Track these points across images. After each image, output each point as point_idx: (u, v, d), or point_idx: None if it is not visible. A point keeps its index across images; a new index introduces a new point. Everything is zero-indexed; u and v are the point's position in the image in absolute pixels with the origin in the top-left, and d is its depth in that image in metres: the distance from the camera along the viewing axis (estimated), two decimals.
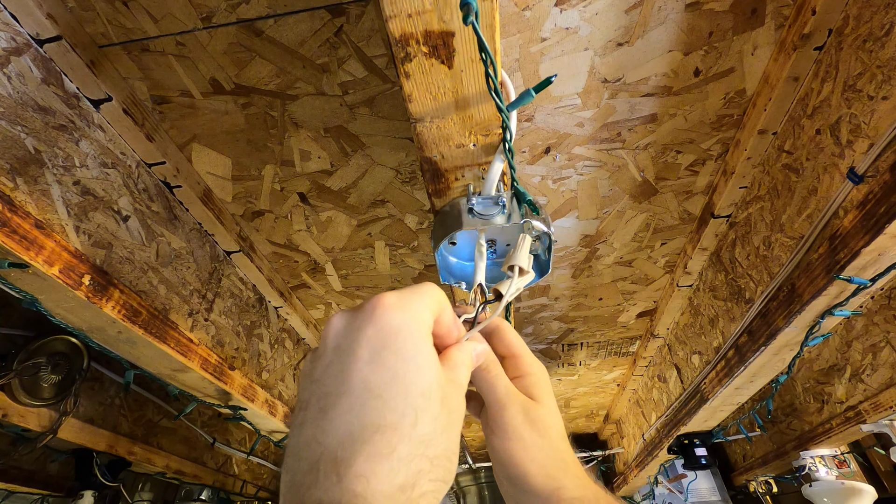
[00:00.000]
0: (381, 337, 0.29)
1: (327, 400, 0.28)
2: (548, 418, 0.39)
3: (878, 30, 0.73)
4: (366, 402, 0.27)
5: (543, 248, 0.70)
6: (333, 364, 0.29)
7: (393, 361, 0.28)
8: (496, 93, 0.50)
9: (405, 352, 0.29)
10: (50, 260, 0.72)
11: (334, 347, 0.30)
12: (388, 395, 0.27)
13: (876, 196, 0.73)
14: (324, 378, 0.29)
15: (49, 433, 1.14)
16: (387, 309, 0.30)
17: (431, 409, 0.28)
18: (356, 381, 0.28)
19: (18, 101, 0.74)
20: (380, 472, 0.25)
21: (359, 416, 0.27)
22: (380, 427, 0.26)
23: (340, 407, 0.27)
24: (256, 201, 1.14)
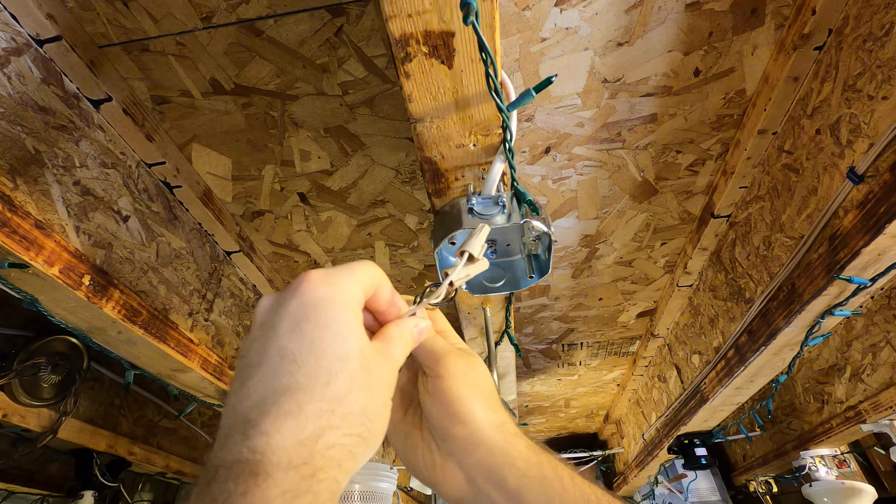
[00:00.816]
0: (301, 309, 0.30)
1: (248, 371, 0.29)
2: (483, 369, 0.41)
3: (878, 30, 0.73)
4: (280, 367, 0.28)
5: (543, 248, 0.70)
6: (258, 339, 0.30)
7: (310, 329, 0.29)
8: (496, 93, 0.50)
9: (323, 320, 0.30)
10: (50, 260, 0.72)
11: (260, 323, 0.31)
12: (301, 359, 0.28)
13: (876, 196, 0.73)
14: (248, 353, 0.30)
15: (49, 433, 1.14)
16: (311, 283, 0.31)
17: (348, 370, 0.29)
18: (273, 351, 0.29)
19: (18, 101, 0.74)
20: (283, 429, 0.26)
21: (272, 381, 0.28)
22: (290, 388, 0.27)
23: (257, 376, 0.28)
24: (256, 201, 1.14)
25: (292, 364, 0.28)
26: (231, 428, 0.27)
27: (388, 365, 0.34)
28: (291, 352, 0.28)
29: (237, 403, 0.28)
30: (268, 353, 0.29)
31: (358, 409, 0.29)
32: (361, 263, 0.35)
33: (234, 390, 0.29)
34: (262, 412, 0.26)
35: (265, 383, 0.28)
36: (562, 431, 3.10)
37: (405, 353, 0.36)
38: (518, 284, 0.75)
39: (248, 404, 0.27)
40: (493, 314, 1.05)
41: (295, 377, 0.28)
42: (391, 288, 0.38)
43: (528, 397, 2.48)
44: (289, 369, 0.28)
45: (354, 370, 0.30)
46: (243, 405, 0.27)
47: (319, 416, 0.27)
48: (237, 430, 0.26)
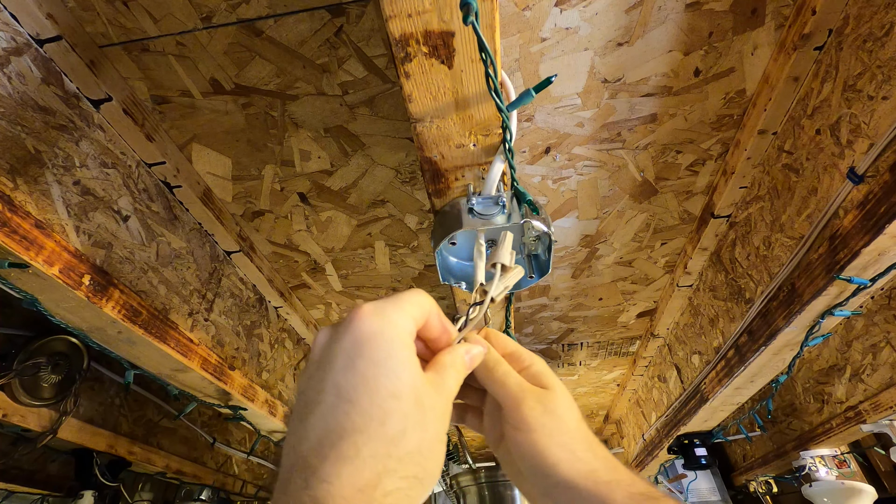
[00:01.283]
0: (354, 345, 0.30)
1: (306, 409, 0.29)
2: (564, 403, 0.39)
3: (878, 30, 0.73)
4: (336, 408, 0.28)
5: (543, 248, 0.70)
6: (314, 376, 0.30)
7: (364, 367, 0.29)
8: (496, 93, 0.50)
9: (376, 356, 0.30)
10: (50, 260, 0.72)
11: (317, 360, 0.31)
12: (356, 398, 0.28)
13: (876, 196, 0.73)
14: (306, 390, 0.30)
15: (49, 433, 1.14)
16: (363, 317, 0.31)
17: (402, 408, 0.29)
18: (329, 390, 0.29)
19: (18, 101, 0.74)
20: (343, 475, 0.26)
21: (329, 422, 0.28)
22: (346, 430, 0.27)
23: (315, 414, 0.28)
24: (256, 201, 1.14)
25: (347, 403, 0.28)
26: (290, 469, 0.27)
27: (441, 398, 0.33)
28: (346, 390, 0.28)
29: (297, 444, 0.28)
30: (324, 392, 0.29)
31: (413, 448, 0.29)
32: (412, 293, 0.35)
33: (293, 429, 0.29)
34: (320, 456, 0.26)
35: (322, 423, 0.28)
36: None
37: (459, 382, 0.35)
38: (518, 284, 0.75)
39: (307, 446, 0.27)
40: (493, 314, 1.05)
41: (350, 417, 0.27)
42: (441, 314, 0.37)
43: None
44: (344, 409, 0.28)
45: (408, 407, 0.29)
46: (303, 446, 0.27)
47: (376, 460, 0.27)
48: (297, 474, 0.26)
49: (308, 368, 0.32)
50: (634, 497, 0.35)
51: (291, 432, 0.29)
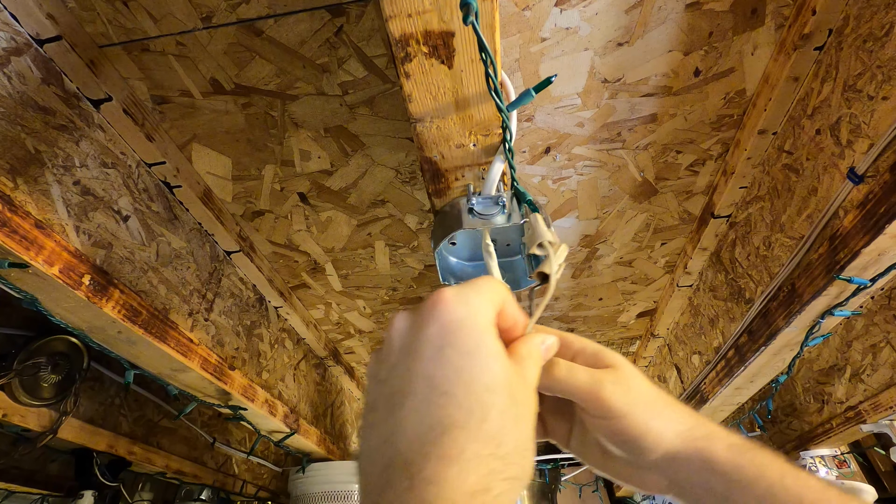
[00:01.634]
0: (442, 334, 0.28)
1: (394, 400, 0.28)
2: (636, 375, 0.38)
3: (878, 30, 0.73)
4: (431, 401, 0.26)
5: None
6: (398, 364, 0.29)
7: (455, 357, 0.28)
8: (496, 93, 0.50)
9: (467, 347, 0.28)
10: (50, 260, 0.72)
11: (399, 348, 0.30)
12: (452, 391, 0.27)
13: (876, 196, 0.73)
14: (390, 379, 0.29)
15: (49, 433, 1.14)
16: (447, 305, 0.29)
17: (499, 403, 0.27)
18: (420, 380, 0.27)
19: (18, 101, 0.74)
20: (449, 477, 0.24)
21: (426, 416, 0.26)
22: (447, 427, 0.26)
23: (407, 407, 0.27)
24: (256, 201, 1.14)
25: (442, 396, 0.27)
26: (388, 465, 0.25)
27: (528, 390, 0.31)
28: (439, 382, 0.27)
29: (390, 437, 0.26)
30: (414, 383, 0.27)
31: (513, 447, 0.27)
32: (488, 280, 0.33)
33: (381, 418, 0.28)
34: (422, 454, 0.25)
35: (418, 417, 0.26)
36: None
37: (538, 374, 0.34)
38: (518, 284, 0.75)
39: (404, 441, 0.26)
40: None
41: (448, 411, 0.26)
42: (514, 302, 0.36)
43: None
44: (440, 402, 0.26)
45: (504, 402, 0.28)
46: (399, 440, 0.26)
47: (480, 461, 0.25)
48: (398, 472, 0.25)
49: (387, 356, 0.30)
50: (733, 448, 0.35)
51: (380, 423, 0.28)
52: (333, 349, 1.85)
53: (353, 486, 1.76)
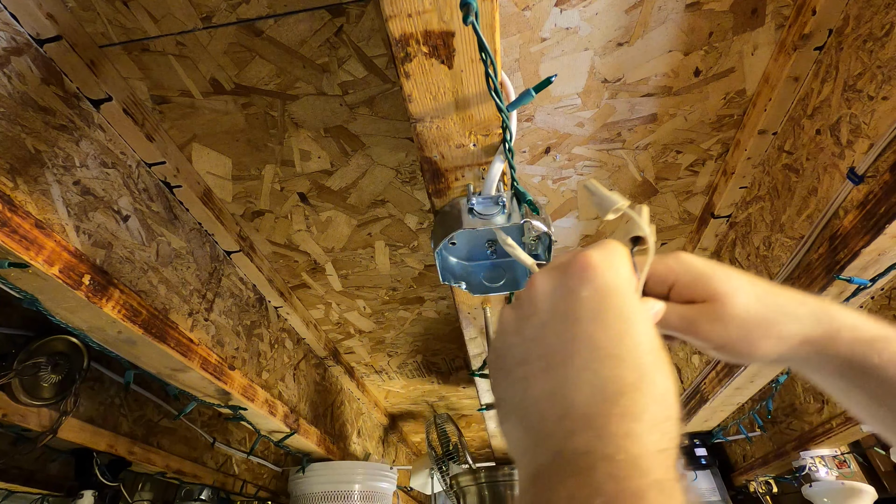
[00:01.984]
0: (598, 297, 0.29)
1: (554, 358, 0.28)
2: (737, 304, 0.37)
3: (878, 30, 0.73)
4: (602, 362, 0.27)
5: (543, 248, 0.70)
6: (551, 323, 0.29)
7: (615, 322, 0.28)
8: (496, 93, 0.50)
9: (625, 312, 0.29)
10: (50, 260, 0.72)
11: (549, 308, 0.30)
12: (619, 354, 0.27)
13: (876, 196, 0.73)
14: (543, 337, 0.29)
15: (49, 433, 1.14)
16: (597, 270, 0.30)
17: (661, 367, 0.28)
18: (583, 342, 0.28)
19: (19, 100, 0.74)
20: (640, 433, 0.25)
21: (597, 376, 0.26)
22: (622, 387, 0.26)
23: (574, 366, 0.27)
24: (256, 201, 1.14)
25: (612, 358, 0.27)
26: (565, 415, 0.26)
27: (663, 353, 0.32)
28: (604, 344, 0.27)
29: (559, 389, 0.27)
30: (576, 343, 0.28)
31: (674, 410, 0.27)
32: (616, 245, 0.33)
33: (539, 372, 0.28)
34: (601, 411, 0.25)
35: (591, 376, 0.27)
36: None
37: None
38: (518, 284, 0.75)
39: (580, 396, 0.26)
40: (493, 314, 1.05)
41: (621, 373, 0.26)
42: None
43: None
44: (610, 364, 0.27)
45: (664, 366, 0.28)
46: (573, 395, 0.26)
47: (655, 423, 0.26)
48: (579, 423, 0.25)
49: (536, 314, 0.30)
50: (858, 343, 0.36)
51: (537, 377, 0.28)
52: (333, 349, 1.85)
53: (354, 485, 1.76)
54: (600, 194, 0.41)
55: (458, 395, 2.39)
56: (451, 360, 2.01)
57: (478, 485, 2.21)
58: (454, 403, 2.52)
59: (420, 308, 1.62)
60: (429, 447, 2.15)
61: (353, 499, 1.74)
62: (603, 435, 0.24)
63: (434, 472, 2.24)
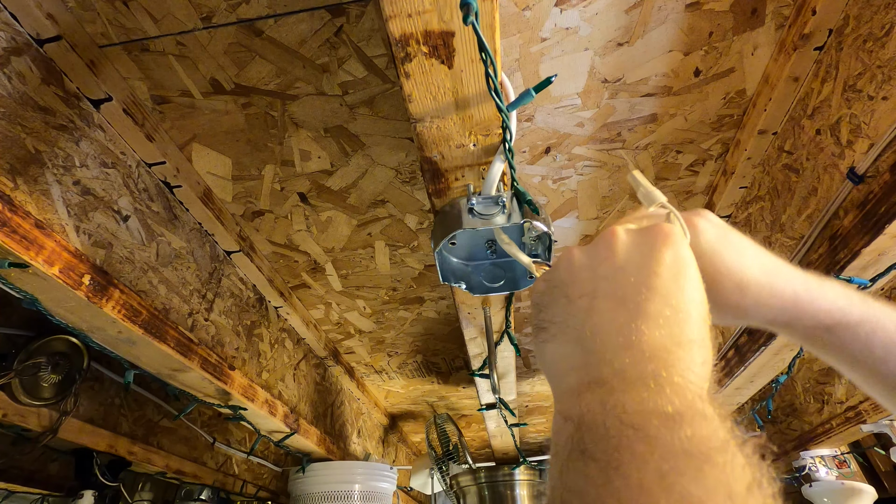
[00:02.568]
0: (677, 264, 0.32)
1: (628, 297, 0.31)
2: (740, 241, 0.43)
3: (878, 30, 0.73)
4: (676, 315, 0.30)
5: (544, 248, 0.70)
6: (629, 270, 0.33)
7: (689, 288, 0.32)
8: (496, 93, 0.50)
9: (695, 284, 0.32)
10: (50, 260, 0.72)
11: (628, 257, 0.33)
12: (690, 314, 0.31)
13: (876, 196, 0.73)
14: (618, 278, 0.32)
15: (49, 433, 1.14)
16: (678, 241, 0.34)
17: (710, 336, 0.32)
18: (660, 293, 0.31)
19: (18, 101, 0.74)
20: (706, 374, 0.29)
21: (669, 323, 0.30)
22: (689, 340, 0.29)
23: (649, 311, 0.30)
24: (256, 201, 1.14)
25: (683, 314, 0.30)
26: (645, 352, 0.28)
27: None
28: (678, 303, 0.31)
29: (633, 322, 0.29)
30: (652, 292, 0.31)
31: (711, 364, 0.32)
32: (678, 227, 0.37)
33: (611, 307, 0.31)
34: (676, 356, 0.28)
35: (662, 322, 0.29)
36: None
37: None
38: (518, 284, 0.75)
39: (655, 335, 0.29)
40: (494, 314, 1.05)
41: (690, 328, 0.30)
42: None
43: (528, 397, 2.48)
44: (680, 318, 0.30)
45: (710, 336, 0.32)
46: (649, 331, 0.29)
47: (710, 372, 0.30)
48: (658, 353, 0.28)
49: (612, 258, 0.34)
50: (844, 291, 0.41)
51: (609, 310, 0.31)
52: (333, 349, 1.85)
53: (354, 485, 1.76)
54: (646, 187, 0.43)
55: (458, 395, 2.39)
56: (451, 360, 2.01)
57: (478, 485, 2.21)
58: (454, 403, 2.52)
59: (420, 308, 1.62)
60: (429, 447, 2.15)
61: (353, 499, 1.74)
62: (669, 366, 0.27)
63: (434, 472, 2.24)
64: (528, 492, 2.23)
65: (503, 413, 1.48)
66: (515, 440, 1.81)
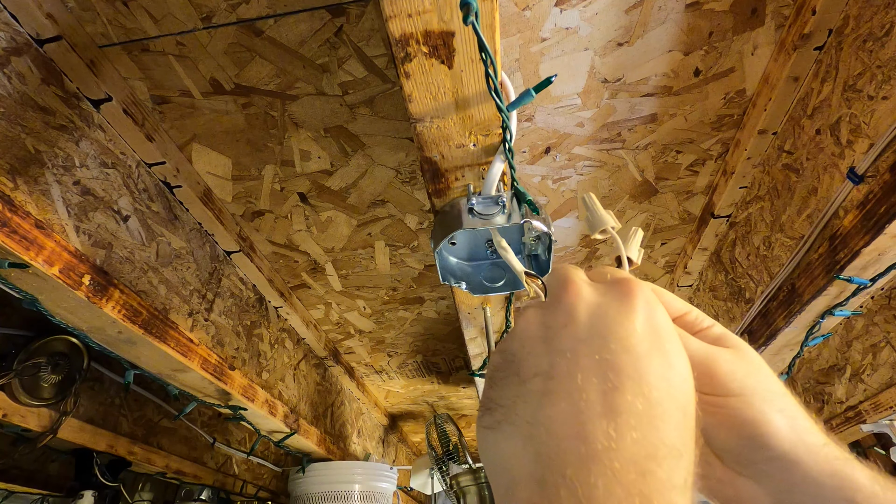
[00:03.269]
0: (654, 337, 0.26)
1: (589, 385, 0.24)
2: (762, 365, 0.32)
3: (878, 30, 0.73)
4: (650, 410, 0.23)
5: (543, 248, 0.70)
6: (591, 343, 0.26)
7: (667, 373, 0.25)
8: (496, 93, 0.50)
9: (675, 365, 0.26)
10: (50, 260, 0.72)
11: (589, 324, 0.26)
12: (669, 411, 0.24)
13: (876, 196, 0.73)
14: (577, 354, 0.26)
15: (49, 433, 1.14)
16: (650, 305, 0.27)
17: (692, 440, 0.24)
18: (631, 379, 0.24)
19: (18, 101, 0.74)
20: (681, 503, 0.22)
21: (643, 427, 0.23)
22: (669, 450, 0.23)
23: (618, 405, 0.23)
24: (256, 201, 1.14)
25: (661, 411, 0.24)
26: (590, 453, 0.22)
27: None
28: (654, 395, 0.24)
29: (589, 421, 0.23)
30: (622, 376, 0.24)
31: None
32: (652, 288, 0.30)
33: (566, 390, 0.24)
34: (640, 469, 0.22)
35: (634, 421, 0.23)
36: None
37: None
38: (518, 284, 0.75)
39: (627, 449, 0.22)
40: (493, 314, 1.05)
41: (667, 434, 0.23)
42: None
43: None
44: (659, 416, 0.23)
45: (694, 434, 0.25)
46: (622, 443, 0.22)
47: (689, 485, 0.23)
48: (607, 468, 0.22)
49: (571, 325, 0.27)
50: (877, 481, 0.29)
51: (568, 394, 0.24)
52: (333, 349, 1.85)
53: (354, 485, 1.76)
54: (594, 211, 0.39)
55: (458, 395, 2.39)
56: (451, 360, 2.01)
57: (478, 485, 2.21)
58: (454, 403, 2.52)
59: (420, 308, 1.62)
60: (429, 447, 2.15)
61: (353, 499, 1.74)
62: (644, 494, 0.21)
63: (434, 472, 2.24)
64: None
65: None
66: None
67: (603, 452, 0.22)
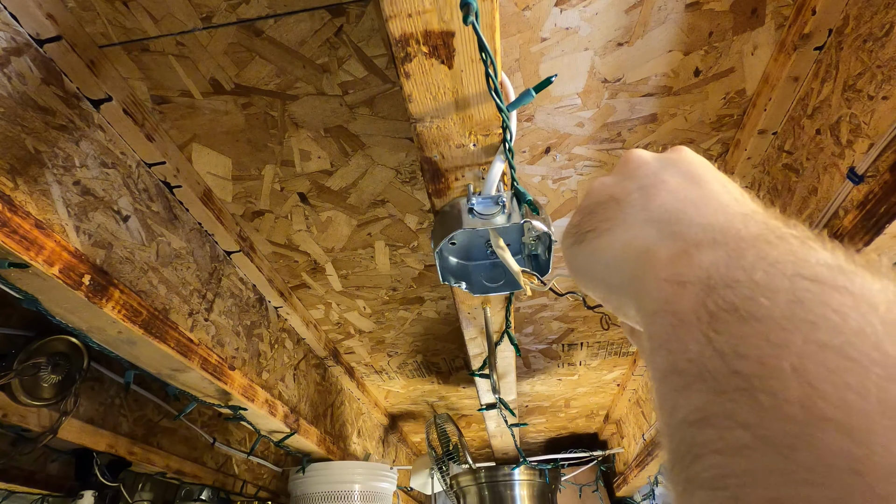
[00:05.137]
0: (710, 169, 0.32)
1: (681, 182, 0.31)
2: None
3: (878, 30, 0.73)
4: (731, 194, 0.30)
5: (543, 248, 0.70)
6: (667, 168, 0.32)
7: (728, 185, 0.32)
8: (496, 93, 0.50)
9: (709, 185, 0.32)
10: (50, 260, 0.72)
11: (660, 161, 0.33)
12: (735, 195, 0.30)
13: (876, 196, 0.73)
14: (660, 173, 0.32)
15: (49, 433, 1.14)
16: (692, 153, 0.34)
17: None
18: (708, 178, 0.31)
19: (18, 101, 0.74)
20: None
21: (735, 196, 0.29)
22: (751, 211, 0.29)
23: (713, 187, 0.30)
24: (256, 201, 1.14)
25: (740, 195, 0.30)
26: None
27: None
28: (730, 187, 0.31)
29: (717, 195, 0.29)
30: (706, 178, 0.31)
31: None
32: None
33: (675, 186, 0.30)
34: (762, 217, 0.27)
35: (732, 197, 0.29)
36: (562, 431, 3.11)
37: None
38: (518, 284, 0.75)
39: (735, 207, 0.28)
40: (493, 314, 1.05)
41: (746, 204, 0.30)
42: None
43: (528, 397, 2.48)
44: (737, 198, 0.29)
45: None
46: (731, 206, 0.28)
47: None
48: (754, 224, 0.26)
49: (640, 166, 0.33)
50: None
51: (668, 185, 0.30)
52: (333, 349, 1.85)
53: (354, 486, 1.76)
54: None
55: (458, 395, 2.39)
56: (451, 360, 2.01)
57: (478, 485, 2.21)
58: (454, 403, 2.52)
59: (420, 308, 1.62)
60: (429, 447, 2.15)
61: (353, 499, 1.74)
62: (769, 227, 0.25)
63: (434, 472, 2.24)
64: (529, 492, 2.23)
65: (503, 413, 1.48)
66: (515, 440, 1.81)
67: (727, 206, 0.28)
